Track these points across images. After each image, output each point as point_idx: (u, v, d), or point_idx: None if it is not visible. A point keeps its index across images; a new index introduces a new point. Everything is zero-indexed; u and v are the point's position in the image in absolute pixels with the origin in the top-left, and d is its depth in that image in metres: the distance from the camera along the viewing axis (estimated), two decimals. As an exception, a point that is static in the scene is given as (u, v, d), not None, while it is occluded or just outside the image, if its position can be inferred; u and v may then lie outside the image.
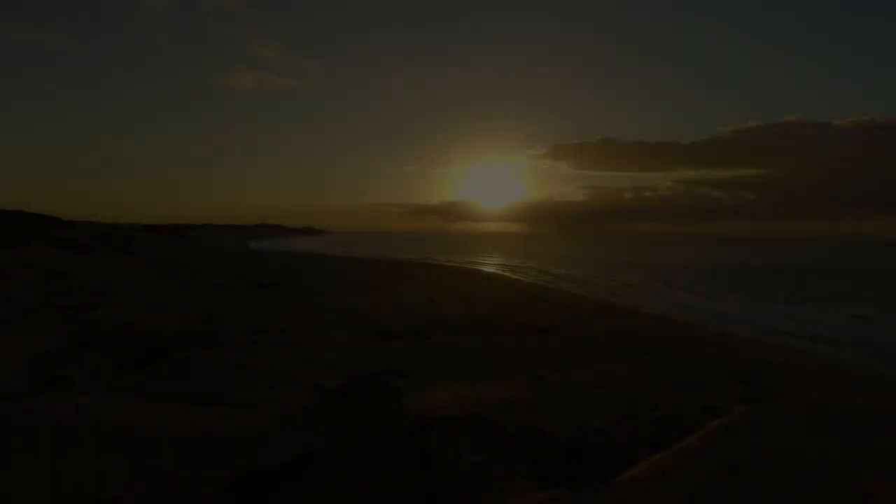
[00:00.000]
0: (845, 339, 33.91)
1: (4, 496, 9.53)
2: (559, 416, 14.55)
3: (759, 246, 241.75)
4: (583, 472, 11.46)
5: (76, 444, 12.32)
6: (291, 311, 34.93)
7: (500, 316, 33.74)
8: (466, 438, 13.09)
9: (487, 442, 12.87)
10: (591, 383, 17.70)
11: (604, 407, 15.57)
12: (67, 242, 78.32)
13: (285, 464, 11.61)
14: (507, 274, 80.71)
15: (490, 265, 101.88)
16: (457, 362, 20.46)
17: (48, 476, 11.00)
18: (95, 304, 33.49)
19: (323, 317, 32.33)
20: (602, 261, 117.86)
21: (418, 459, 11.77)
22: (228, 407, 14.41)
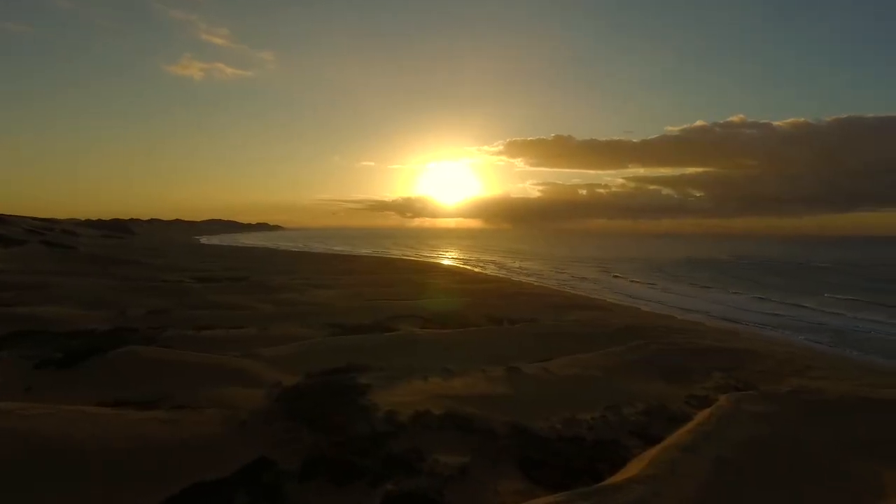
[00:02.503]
0: (803, 326, 34.59)
1: None
2: (541, 411, 13.48)
3: (705, 241, 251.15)
4: (574, 471, 10.37)
5: (-17, 458, 10.40)
6: (244, 305, 32.83)
7: (466, 308, 32.68)
8: (443, 437, 11.77)
9: (467, 441, 11.57)
10: (568, 375, 16.76)
11: (585, 399, 14.64)
12: (-3, 236, 72.67)
13: (236, 475, 10.05)
14: (468, 268, 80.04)
15: (450, 259, 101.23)
16: (426, 355, 19.18)
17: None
18: (23, 300, 30.51)
19: (279, 311, 30.43)
20: (557, 255, 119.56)
21: (390, 464, 10.37)
22: (170, 410, 12.65)
